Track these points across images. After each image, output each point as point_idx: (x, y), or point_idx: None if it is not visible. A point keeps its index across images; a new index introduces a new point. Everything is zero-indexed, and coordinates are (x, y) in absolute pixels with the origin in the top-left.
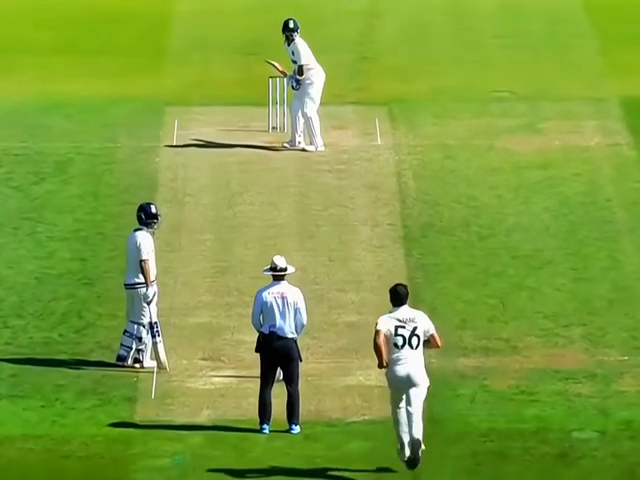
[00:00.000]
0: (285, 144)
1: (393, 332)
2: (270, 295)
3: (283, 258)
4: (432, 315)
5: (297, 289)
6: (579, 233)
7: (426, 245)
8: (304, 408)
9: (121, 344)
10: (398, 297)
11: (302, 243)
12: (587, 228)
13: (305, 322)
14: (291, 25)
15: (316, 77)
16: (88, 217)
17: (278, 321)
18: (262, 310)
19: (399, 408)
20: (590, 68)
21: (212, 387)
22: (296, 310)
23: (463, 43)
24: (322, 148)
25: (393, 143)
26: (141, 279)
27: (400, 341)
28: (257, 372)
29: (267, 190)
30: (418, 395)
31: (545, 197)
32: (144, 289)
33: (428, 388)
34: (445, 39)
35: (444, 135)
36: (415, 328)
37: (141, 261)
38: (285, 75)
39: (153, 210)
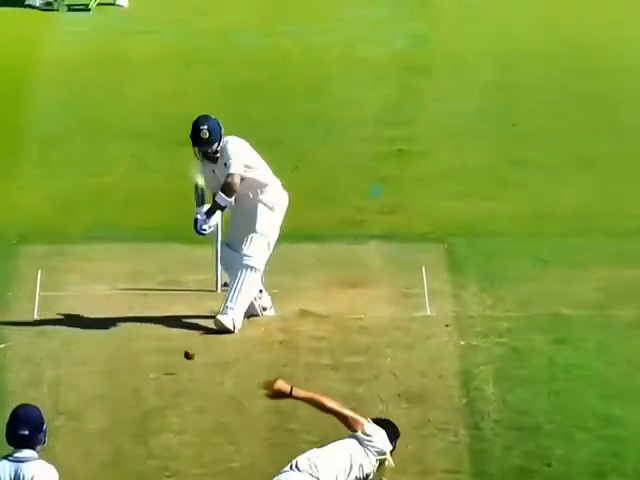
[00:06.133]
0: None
1: None
2: None
3: None
4: None
5: None
6: None
7: None
8: None
9: None
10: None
11: None
12: None
13: None
14: (204, 135)
15: (275, 198)
16: None
17: None
18: None
19: None
20: None
21: None
22: None
23: (591, 117)
24: (272, 311)
25: (455, 314)
26: None
27: None
28: None
29: (213, 406)
30: None
31: None
32: None
33: None
34: (555, 108)
35: (554, 298)
36: None
37: None
38: (198, 190)
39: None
